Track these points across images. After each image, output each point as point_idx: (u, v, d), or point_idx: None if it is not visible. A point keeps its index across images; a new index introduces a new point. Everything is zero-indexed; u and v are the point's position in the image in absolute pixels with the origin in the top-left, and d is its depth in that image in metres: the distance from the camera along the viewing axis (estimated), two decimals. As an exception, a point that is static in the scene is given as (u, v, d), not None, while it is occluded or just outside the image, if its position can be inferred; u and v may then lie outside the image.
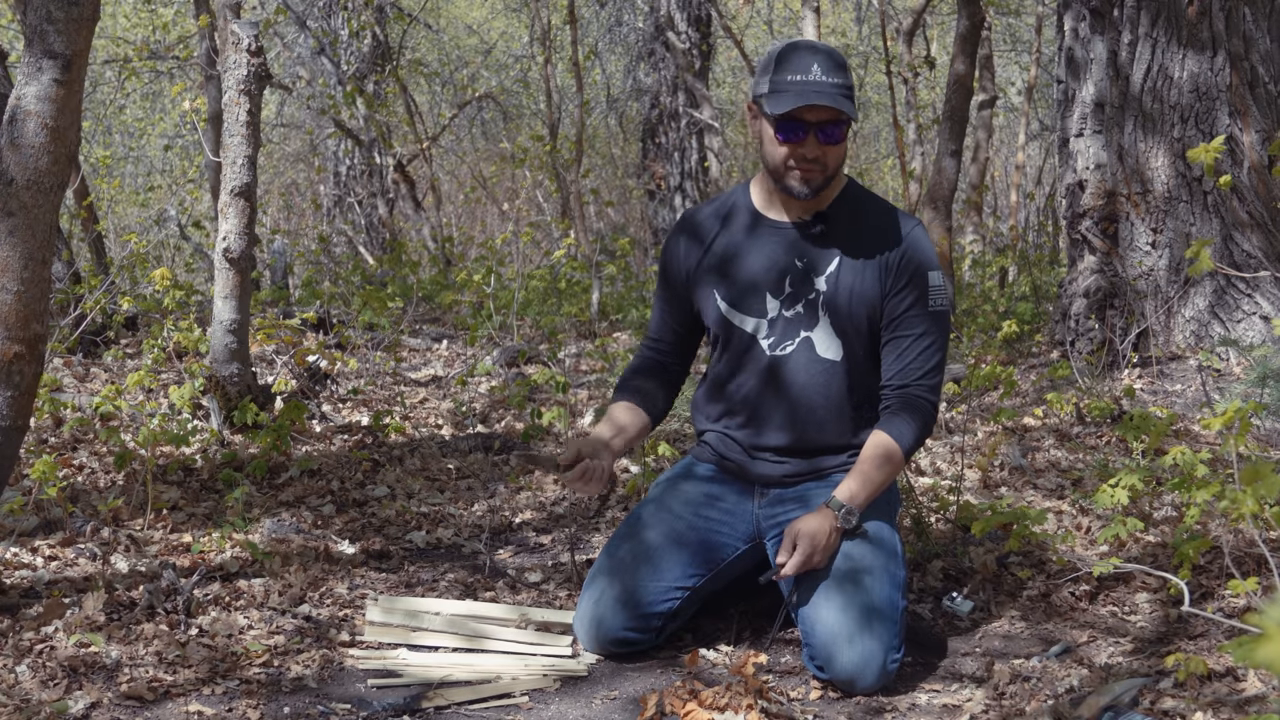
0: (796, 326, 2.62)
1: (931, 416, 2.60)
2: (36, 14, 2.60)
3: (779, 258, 2.64)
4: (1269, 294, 4.92)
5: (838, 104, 2.49)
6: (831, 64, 2.52)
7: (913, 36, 10.80)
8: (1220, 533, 3.01)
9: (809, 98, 2.47)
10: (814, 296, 2.61)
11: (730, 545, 2.68)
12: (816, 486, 2.64)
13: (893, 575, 2.50)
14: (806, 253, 2.63)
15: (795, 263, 2.63)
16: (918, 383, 2.59)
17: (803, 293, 2.62)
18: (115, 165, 13.60)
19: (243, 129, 4.18)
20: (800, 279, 2.63)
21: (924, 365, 2.59)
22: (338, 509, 3.72)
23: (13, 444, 2.70)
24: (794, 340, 2.63)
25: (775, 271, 2.64)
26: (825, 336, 2.61)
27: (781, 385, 2.64)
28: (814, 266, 2.62)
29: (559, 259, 8.07)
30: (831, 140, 2.53)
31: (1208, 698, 2.15)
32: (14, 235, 2.59)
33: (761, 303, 2.65)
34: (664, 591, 2.60)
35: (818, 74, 2.50)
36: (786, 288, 2.63)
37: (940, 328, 2.60)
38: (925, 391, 2.59)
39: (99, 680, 2.38)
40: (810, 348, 2.62)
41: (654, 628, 2.61)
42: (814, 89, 2.48)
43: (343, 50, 11.36)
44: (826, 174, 2.56)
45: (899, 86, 10.80)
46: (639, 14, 12.17)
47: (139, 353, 5.47)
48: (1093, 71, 5.45)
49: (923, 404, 2.59)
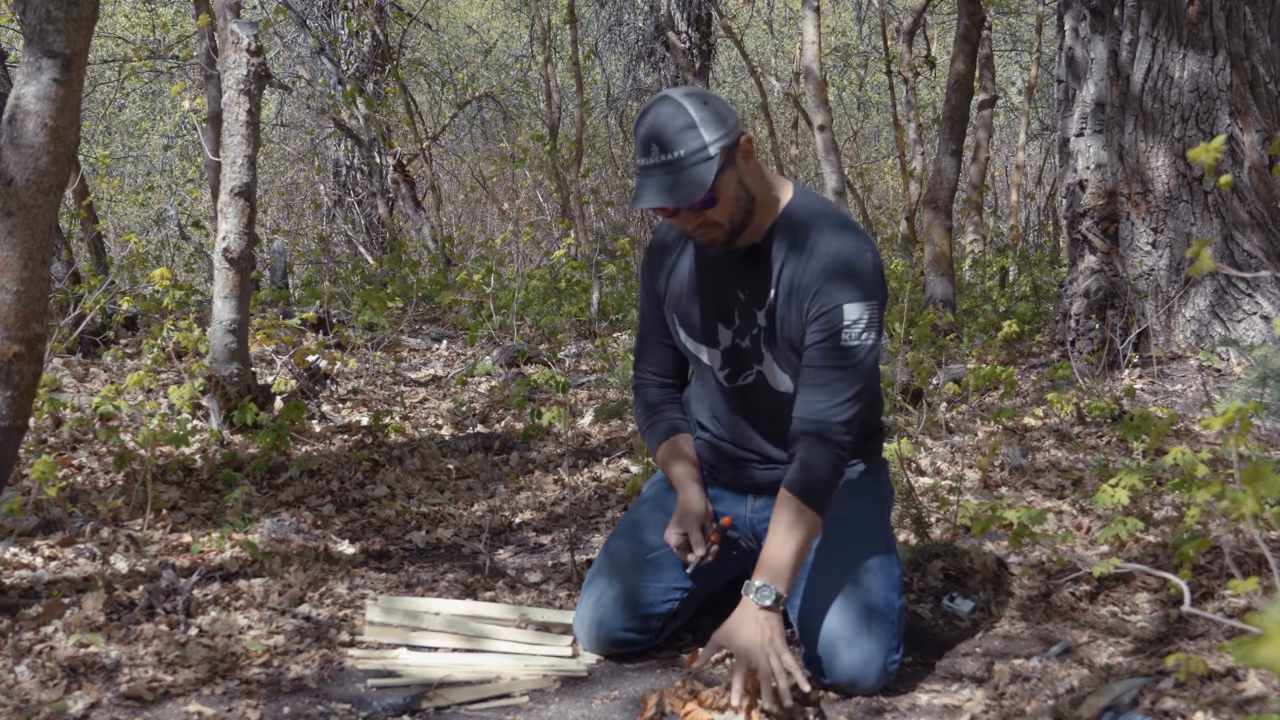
0: (749, 359, 2.54)
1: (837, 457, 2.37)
2: (36, 14, 2.60)
3: (724, 288, 2.53)
4: (1269, 294, 4.91)
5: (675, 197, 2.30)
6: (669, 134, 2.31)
7: (913, 36, 10.80)
8: (1220, 533, 3.01)
9: (649, 194, 2.32)
10: (756, 332, 2.52)
11: (727, 547, 2.68)
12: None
13: (889, 575, 2.49)
14: (746, 284, 2.50)
15: (738, 294, 2.52)
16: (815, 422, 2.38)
17: (748, 326, 2.52)
18: (115, 165, 13.60)
19: (242, 129, 4.18)
20: (745, 311, 2.52)
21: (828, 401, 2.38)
22: (338, 509, 3.72)
23: (12, 444, 2.70)
24: (750, 372, 2.55)
25: (723, 302, 2.54)
26: (773, 370, 2.53)
27: (748, 412, 2.59)
28: (755, 299, 2.50)
29: (559, 259, 8.07)
30: (703, 207, 2.35)
31: (1208, 698, 2.15)
32: (14, 235, 2.59)
33: (714, 333, 2.55)
34: (664, 592, 2.60)
35: (656, 154, 2.31)
36: (736, 319, 2.53)
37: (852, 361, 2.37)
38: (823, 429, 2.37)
39: (99, 680, 2.38)
40: (764, 380, 2.54)
41: (654, 628, 2.61)
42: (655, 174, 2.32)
43: (343, 50, 11.36)
44: (726, 228, 2.39)
45: (899, 86, 10.80)
46: (639, 14, 12.17)
47: (139, 353, 5.47)
48: (1093, 71, 5.45)
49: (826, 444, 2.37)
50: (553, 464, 4.26)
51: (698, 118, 2.32)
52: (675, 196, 2.32)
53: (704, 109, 2.33)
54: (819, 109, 6.98)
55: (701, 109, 2.33)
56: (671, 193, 2.32)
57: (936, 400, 4.76)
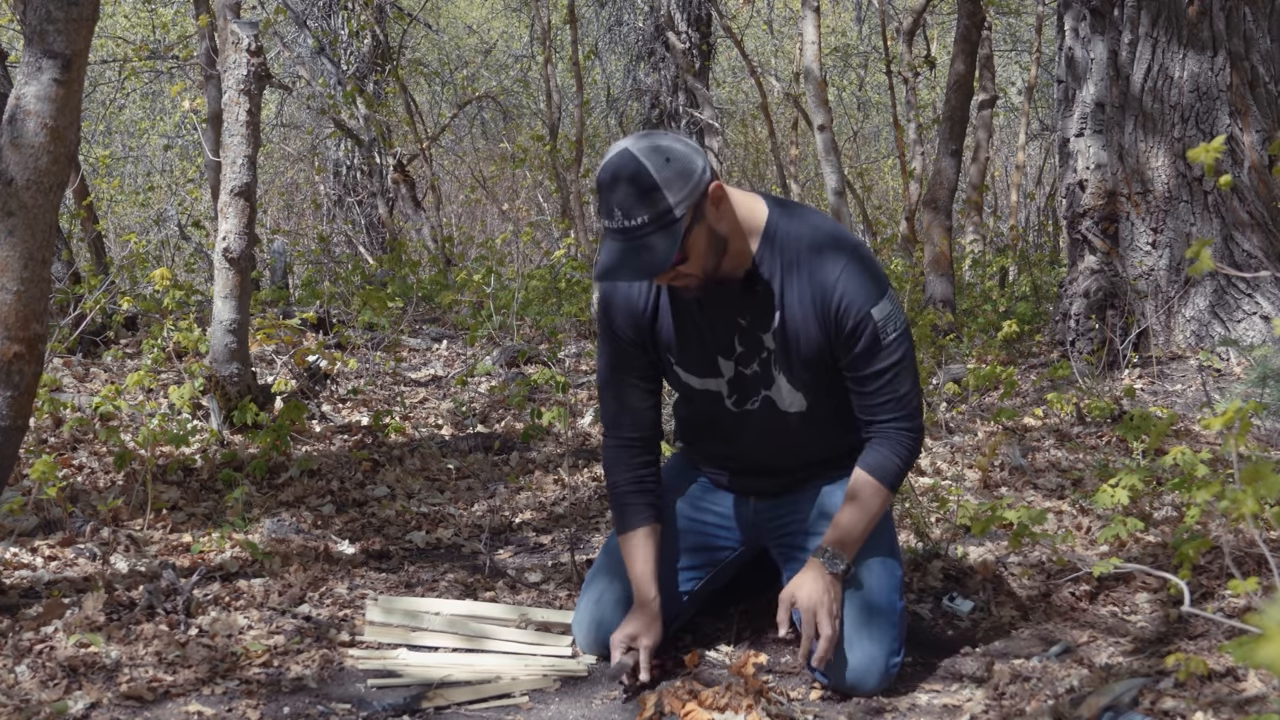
0: (756, 385, 2.52)
1: (914, 442, 2.47)
2: (36, 14, 2.60)
3: (722, 317, 2.47)
4: (1269, 294, 4.91)
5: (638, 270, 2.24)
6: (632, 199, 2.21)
7: (913, 36, 10.80)
8: (1220, 533, 3.01)
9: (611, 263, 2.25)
10: (765, 355, 2.47)
11: (727, 546, 2.68)
12: (809, 489, 2.63)
13: (891, 576, 2.49)
14: (747, 310, 2.45)
15: (739, 321, 2.46)
16: (893, 420, 2.45)
17: (754, 351, 2.48)
18: (115, 165, 13.61)
19: (242, 129, 4.18)
20: (748, 337, 2.47)
21: (892, 398, 2.43)
22: (338, 509, 3.72)
23: (12, 444, 2.70)
24: (757, 398, 2.53)
25: (721, 332, 2.48)
26: (786, 392, 2.49)
27: (754, 434, 2.58)
28: (758, 323, 2.45)
29: (559, 259, 8.07)
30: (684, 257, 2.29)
31: (1208, 698, 2.15)
32: (14, 235, 2.59)
33: (715, 365, 2.51)
34: (665, 592, 2.60)
35: (619, 219, 2.23)
36: (737, 347, 2.48)
37: (898, 355, 2.41)
38: (901, 422, 2.45)
39: (99, 680, 2.38)
40: (772, 405, 2.52)
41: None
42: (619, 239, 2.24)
43: (343, 50, 11.36)
44: (699, 277, 2.34)
45: (899, 86, 10.80)
46: (639, 14, 12.17)
47: (139, 353, 5.47)
48: (1093, 71, 5.45)
49: (901, 435, 2.45)
50: (553, 464, 4.26)
51: (659, 179, 2.21)
52: (640, 269, 2.25)
53: (666, 167, 2.22)
54: (819, 109, 6.98)
55: (664, 168, 2.22)
56: (636, 265, 2.25)
57: (936, 400, 4.76)
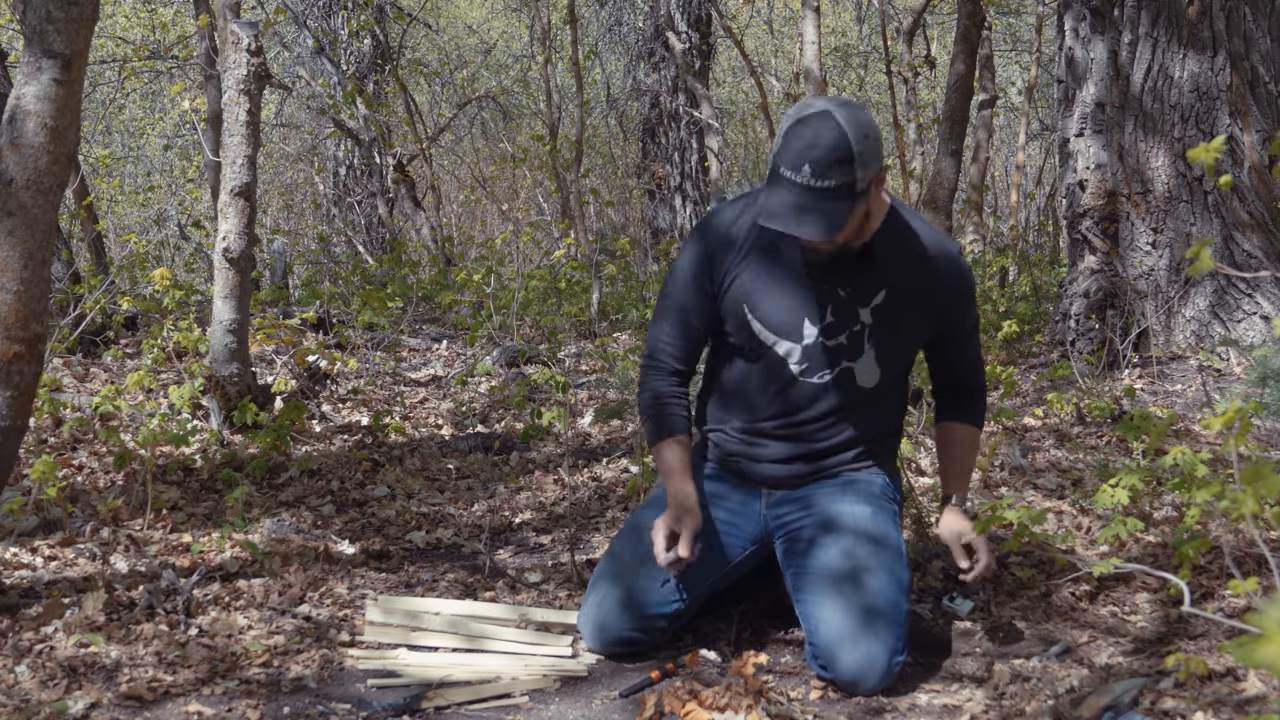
0: (838, 356, 2.55)
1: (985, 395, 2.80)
2: (36, 14, 2.60)
3: (820, 284, 2.53)
4: (1269, 294, 4.91)
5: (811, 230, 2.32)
6: (826, 161, 2.29)
7: (913, 36, 10.79)
8: (1220, 533, 3.01)
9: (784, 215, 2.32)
10: (859, 329, 2.54)
11: (736, 546, 2.67)
12: (824, 485, 2.64)
13: (897, 577, 2.49)
14: (850, 282, 2.53)
15: (838, 291, 2.53)
16: (979, 383, 2.77)
17: (845, 323, 2.53)
18: (115, 165, 13.61)
19: (242, 129, 4.18)
20: (843, 309, 2.53)
21: (979, 366, 2.76)
22: (338, 509, 3.72)
23: (12, 444, 2.70)
24: (833, 370, 2.56)
25: (815, 297, 2.53)
26: (868, 367, 2.57)
27: (808, 408, 2.60)
28: (859, 297, 2.53)
29: (559, 259, 8.07)
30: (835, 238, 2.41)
31: (1208, 698, 2.15)
32: (13, 235, 2.59)
33: (799, 328, 2.54)
34: (668, 593, 2.60)
35: (806, 176, 2.30)
36: (828, 316, 2.53)
37: (976, 330, 2.75)
38: (980, 385, 2.78)
39: (99, 680, 2.38)
40: (850, 378, 2.57)
41: (658, 629, 2.61)
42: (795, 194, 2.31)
43: (343, 50, 11.36)
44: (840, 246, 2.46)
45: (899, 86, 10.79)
46: (639, 14, 12.17)
47: (139, 353, 5.47)
48: (1093, 71, 5.45)
49: (979, 393, 2.78)
50: (553, 464, 4.26)
51: (857, 151, 2.31)
52: (809, 228, 2.32)
53: (864, 142, 2.32)
54: (819, 109, 6.97)
55: (863, 142, 2.32)
56: (806, 222, 2.31)
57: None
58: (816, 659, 2.45)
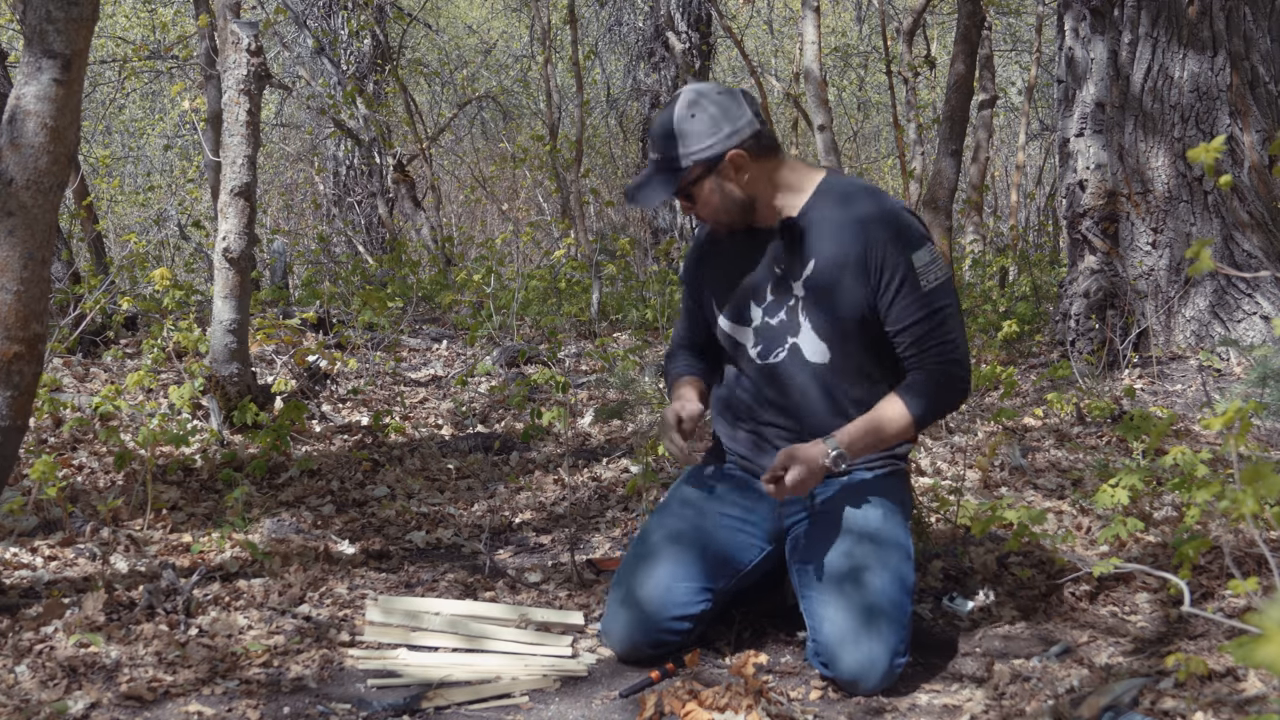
0: (782, 334, 2.63)
1: (956, 385, 2.56)
2: (36, 14, 2.60)
3: (760, 266, 2.65)
4: (1269, 294, 4.91)
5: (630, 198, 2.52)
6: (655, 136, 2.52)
7: (913, 36, 10.80)
8: (1220, 533, 3.01)
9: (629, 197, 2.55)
10: (794, 303, 2.61)
11: (754, 546, 2.67)
12: (832, 485, 2.64)
13: (901, 578, 2.49)
14: (782, 259, 2.61)
15: (774, 269, 2.63)
16: (938, 364, 2.55)
17: (783, 300, 2.62)
18: (115, 165, 13.61)
19: (242, 129, 4.18)
20: (779, 285, 2.62)
21: (939, 344, 2.54)
22: (338, 509, 3.72)
23: (12, 444, 2.70)
24: (783, 348, 2.63)
25: (757, 279, 2.65)
26: (810, 341, 2.60)
27: (776, 392, 2.65)
28: (791, 272, 2.60)
29: (559, 259, 8.07)
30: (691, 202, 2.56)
31: (1208, 698, 2.15)
32: (13, 235, 2.59)
33: (747, 312, 2.66)
34: (691, 594, 2.59)
35: (649, 150, 2.55)
36: (768, 295, 2.64)
37: (941, 302, 2.53)
38: (948, 368, 2.55)
39: (99, 680, 2.38)
40: (798, 353, 2.61)
41: (685, 629, 2.59)
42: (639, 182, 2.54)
43: (343, 50, 11.36)
44: (729, 216, 2.57)
45: (899, 86, 10.80)
46: (639, 14, 12.17)
47: (139, 353, 5.47)
48: (1093, 71, 5.45)
49: (944, 379, 2.55)
50: (553, 464, 4.26)
51: (680, 129, 2.47)
52: (637, 196, 2.53)
53: (690, 121, 2.47)
54: (819, 109, 6.98)
55: (687, 121, 2.47)
56: (639, 191, 2.53)
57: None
58: (818, 656, 2.45)
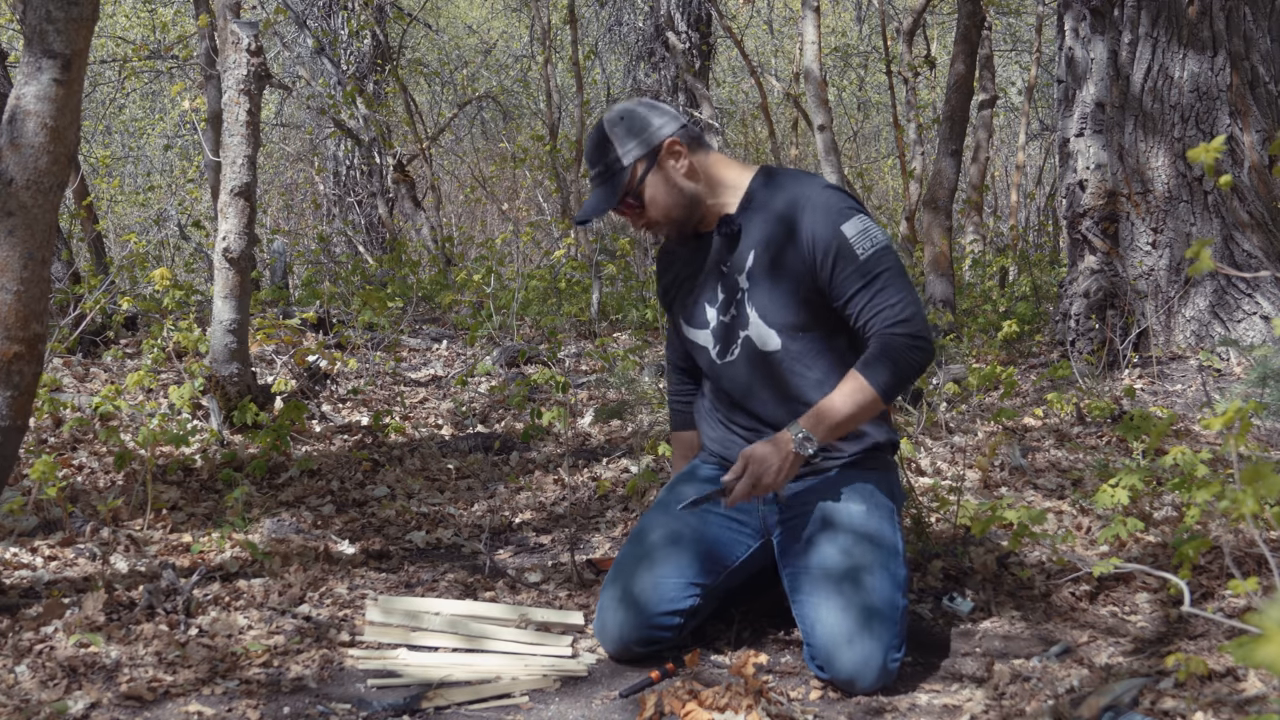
0: (735, 330, 2.68)
1: (911, 346, 2.51)
2: (36, 14, 2.60)
3: (710, 267, 2.72)
4: (1269, 294, 4.91)
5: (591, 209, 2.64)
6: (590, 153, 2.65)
7: (913, 36, 10.79)
8: (1220, 533, 3.01)
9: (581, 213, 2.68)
10: (740, 296, 2.67)
11: (742, 543, 2.67)
12: (815, 481, 2.64)
13: (893, 575, 2.49)
14: (726, 256, 2.69)
15: (720, 268, 2.70)
16: (886, 328, 2.50)
17: (731, 295, 2.68)
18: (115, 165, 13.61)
19: (242, 129, 4.18)
20: (728, 283, 2.69)
21: (883, 308, 2.51)
22: (338, 509, 3.72)
23: (12, 444, 2.70)
24: (737, 343, 2.69)
25: (707, 281, 2.72)
26: (760, 330, 2.65)
27: (739, 390, 2.70)
28: (736, 267, 2.67)
29: (559, 259, 8.07)
30: (628, 210, 2.65)
31: (1208, 698, 2.15)
32: (13, 235, 2.59)
33: (704, 314, 2.73)
34: (680, 590, 2.59)
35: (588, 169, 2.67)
36: (719, 294, 2.70)
37: (880, 267, 2.51)
38: (895, 329, 2.50)
39: (99, 680, 2.38)
40: (751, 345, 2.66)
41: (675, 625, 2.60)
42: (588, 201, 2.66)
43: (343, 50, 11.36)
44: (668, 223, 2.66)
45: (899, 86, 10.80)
46: (639, 14, 12.17)
47: (139, 353, 5.47)
48: (1093, 72, 5.45)
49: (896, 341, 2.50)
50: (553, 464, 4.26)
51: (612, 133, 2.62)
52: (593, 207, 2.64)
53: (619, 125, 2.62)
54: (819, 109, 6.98)
55: (616, 125, 2.62)
56: (589, 205, 2.65)
57: (936, 400, 4.76)
58: (814, 659, 2.45)
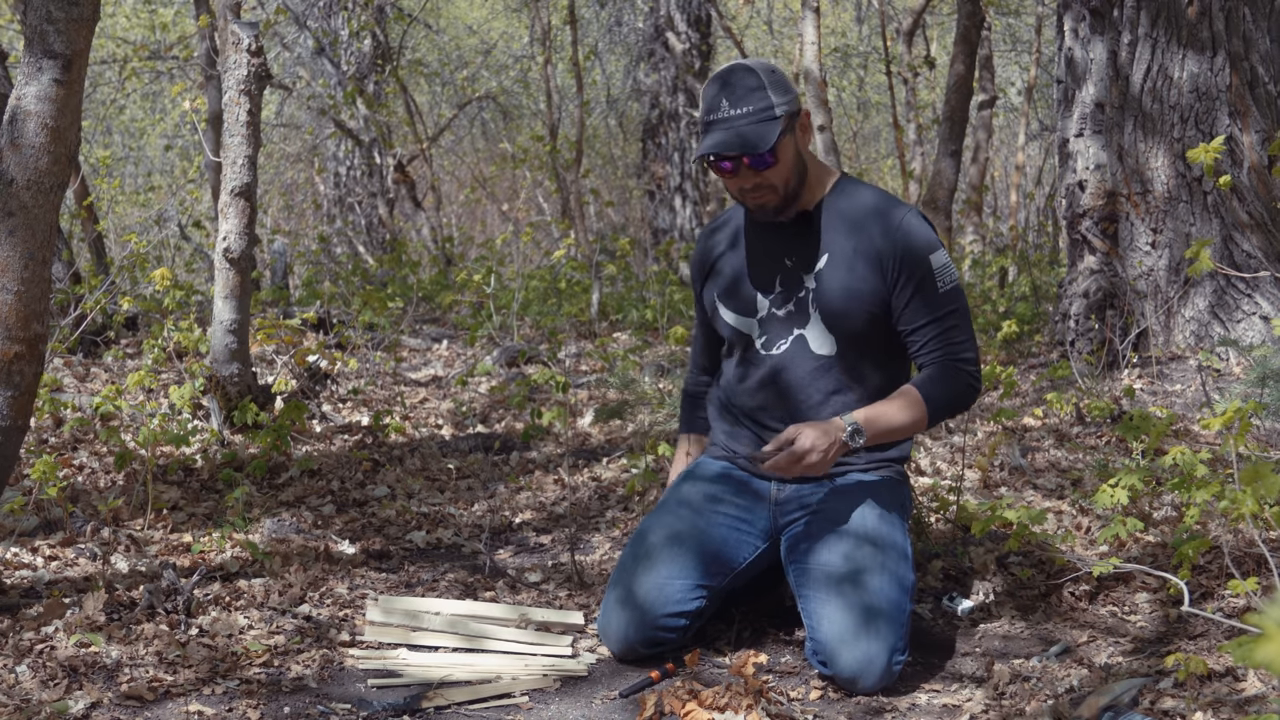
0: (789, 325, 2.67)
1: (968, 383, 2.61)
2: (36, 14, 2.60)
3: (768, 257, 2.70)
4: (1269, 294, 4.92)
5: (741, 145, 2.50)
6: (739, 92, 2.52)
7: (913, 36, 10.80)
8: (1220, 533, 3.01)
9: (714, 142, 2.52)
10: (803, 294, 2.65)
11: (749, 543, 2.67)
12: (829, 485, 2.65)
13: (900, 578, 2.50)
14: (795, 251, 2.67)
15: (785, 261, 2.68)
16: (953, 361, 2.60)
17: (792, 291, 2.67)
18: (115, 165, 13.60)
19: (243, 129, 4.18)
20: (789, 277, 2.67)
21: (952, 343, 2.61)
22: (338, 509, 3.72)
23: (13, 444, 2.70)
24: (787, 339, 2.67)
25: (764, 271, 2.70)
26: (818, 333, 2.64)
27: (779, 384, 2.68)
28: (803, 264, 2.66)
29: (559, 259, 8.07)
30: (762, 166, 2.54)
31: (1208, 698, 2.15)
32: (14, 235, 2.59)
33: (754, 303, 2.71)
34: (686, 591, 2.59)
35: (725, 110, 2.53)
36: (776, 287, 2.69)
37: (954, 304, 2.61)
38: (961, 364, 2.61)
39: (99, 680, 2.39)
40: (804, 345, 2.65)
41: (680, 626, 2.60)
42: (721, 127, 2.52)
43: (343, 50, 11.36)
44: (780, 193, 2.59)
45: (899, 86, 10.80)
46: (639, 14, 12.17)
47: (139, 353, 5.47)
48: (1092, 72, 5.45)
49: (960, 374, 2.61)
50: (553, 464, 4.26)
51: (766, 81, 2.54)
52: (740, 146, 2.50)
53: (772, 75, 2.56)
54: (819, 109, 6.98)
55: (770, 74, 2.56)
56: (736, 143, 2.50)
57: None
58: (816, 655, 2.46)
